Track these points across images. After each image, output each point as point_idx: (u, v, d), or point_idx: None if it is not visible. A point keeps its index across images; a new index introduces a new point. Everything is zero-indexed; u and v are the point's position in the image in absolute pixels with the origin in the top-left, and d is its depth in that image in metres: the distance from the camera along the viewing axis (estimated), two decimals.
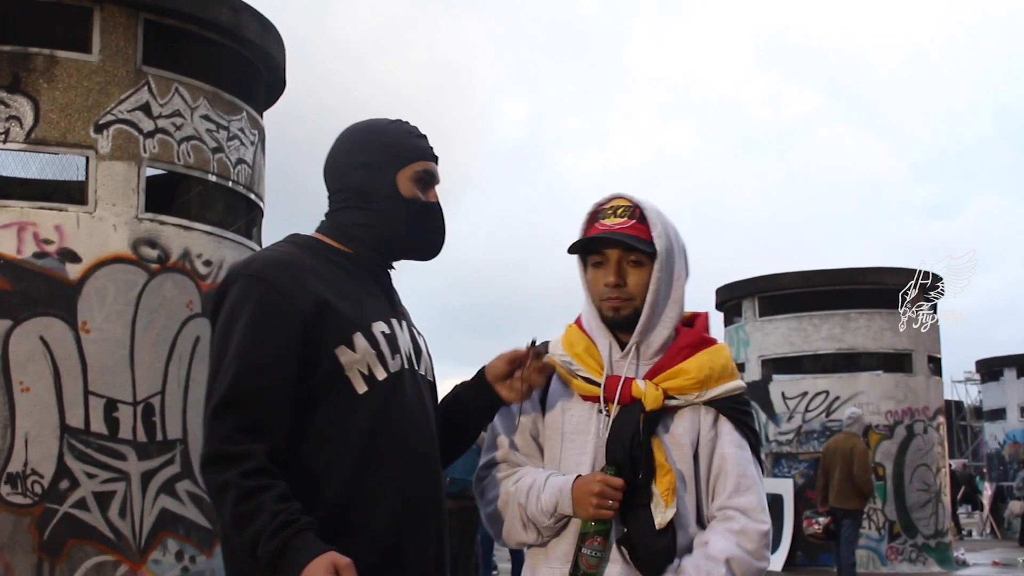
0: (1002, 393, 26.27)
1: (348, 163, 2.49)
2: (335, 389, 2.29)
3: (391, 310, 2.49)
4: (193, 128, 7.72)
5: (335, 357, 2.28)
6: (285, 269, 2.31)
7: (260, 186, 8.66)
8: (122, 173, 7.31)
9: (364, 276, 2.47)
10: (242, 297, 2.26)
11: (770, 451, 15.88)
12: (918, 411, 15.52)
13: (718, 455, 2.57)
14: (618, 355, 2.61)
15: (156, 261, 7.38)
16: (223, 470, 2.12)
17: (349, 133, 2.55)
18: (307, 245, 2.45)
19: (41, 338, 6.94)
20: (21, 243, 6.98)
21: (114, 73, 7.38)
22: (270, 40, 8.55)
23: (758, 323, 16.49)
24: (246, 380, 2.18)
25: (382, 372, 2.34)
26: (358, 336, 2.32)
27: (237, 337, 2.22)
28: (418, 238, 2.52)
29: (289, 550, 2.06)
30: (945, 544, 15.65)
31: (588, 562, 2.45)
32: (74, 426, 6.94)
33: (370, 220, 2.46)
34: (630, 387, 2.54)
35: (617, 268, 2.58)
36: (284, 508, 2.09)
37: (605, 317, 2.61)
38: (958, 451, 36.92)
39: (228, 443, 2.14)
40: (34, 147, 7.25)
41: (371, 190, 2.45)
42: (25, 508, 6.78)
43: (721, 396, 2.58)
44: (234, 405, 2.16)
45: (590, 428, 2.58)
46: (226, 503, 2.11)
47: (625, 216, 2.58)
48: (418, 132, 2.55)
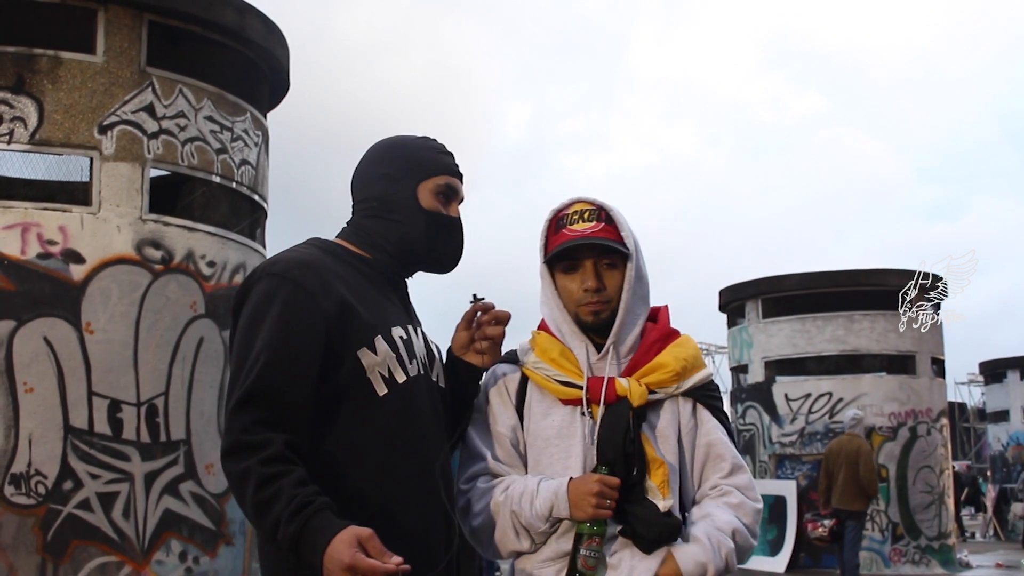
0: (1006, 395, 26.24)
1: (372, 174, 2.57)
2: (357, 390, 2.34)
3: (408, 317, 2.55)
4: (197, 129, 7.73)
5: (357, 359, 2.34)
6: (310, 270, 2.35)
7: (264, 187, 8.67)
8: (126, 174, 7.32)
9: (382, 282, 2.53)
10: (268, 296, 2.31)
11: (773, 452, 15.88)
12: (921, 413, 15.51)
13: (704, 442, 2.63)
14: (595, 357, 2.62)
15: (160, 262, 7.39)
16: (242, 458, 2.16)
17: (376, 146, 2.63)
18: (329, 249, 2.51)
19: (45, 339, 6.94)
20: (25, 244, 6.99)
21: (118, 74, 7.39)
22: (274, 41, 8.55)
23: (761, 325, 16.48)
24: (270, 376, 2.22)
25: (402, 375, 2.40)
26: (379, 340, 2.38)
27: (264, 334, 2.26)
28: (436, 250, 2.56)
29: (308, 531, 2.09)
30: (948, 546, 15.63)
31: (587, 563, 2.45)
32: (78, 427, 6.94)
33: (390, 229, 2.52)
34: (614, 386, 2.56)
35: (595, 272, 2.59)
36: (301, 491, 2.12)
37: (583, 322, 2.62)
38: (961, 453, 36.89)
39: (247, 433, 2.18)
40: (38, 148, 7.26)
41: (392, 200, 2.53)
42: (29, 509, 6.79)
43: (696, 385, 2.64)
44: (257, 400, 2.20)
45: (574, 431, 2.58)
46: (247, 491, 2.15)
47: (593, 220, 2.59)
48: (444, 149, 2.62)
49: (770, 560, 14.74)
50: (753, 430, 16.31)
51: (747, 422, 16.47)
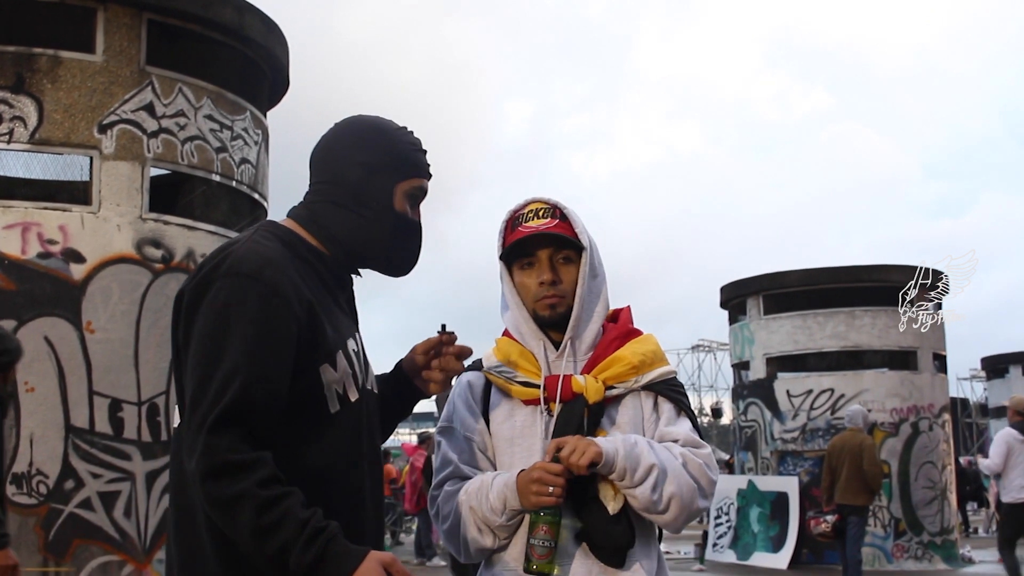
0: (1008, 390, 26.21)
1: (348, 158, 2.35)
2: (311, 406, 2.19)
3: (354, 324, 2.42)
4: (197, 128, 7.73)
5: (319, 375, 2.20)
6: (281, 272, 2.16)
7: (264, 186, 8.67)
8: (126, 173, 7.32)
9: (334, 283, 2.37)
10: (239, 299, 2.10)
11: (775, 449, 15.86)
12: (923, 408, 15.49)
13: (660, 431, 2.62)
14: (554, 355, 2.64)
15: (160, 261, 7.39)
16: (234, 481, 1.99)
17: (353, 126, 2.42)
18: (288, 240, 2.30)
19: (46, 338, 6.95)
20: (25, 243, 6.99)
21: (118, 73, 7.39)
22: (274, 40, 8.55)
23: (763, 321, 16.47)
24: (251, 393, 2.04)
25: (355, 393, 2.27)
26: (339, 356, 2.24)
27: (238, 343, 2.07)
28: (396, 253, 2.43)
29: (329, 557, 1.99)
30: (951, 542, 15.61)
31: (537, 552, 2.41)
32: (79, 426, 6.95)
33: (356, 225, 2.34)
34: (570, 383, 2.57)
35: (550, 265, 2.62)
36: (311, 515, 2.02)
37: (540, 318, 2.63)
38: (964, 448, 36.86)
39: (234, 452, 2.01)
40: (38, 147, 7.27)
41: (366, 194, 2.34)
42: (30, 508, 6.79)
43: (657, 380, 2.64)
44: (239, 418, 2.03)
45: (535, 430, 2.60)
46: (242, 515, 1.99)
47: (547, 217, 2.63)
48: (421, 146, 2.47)
49: (773, 556, 14.73)
50: (755, 427, 16.30)
51: (749, 419, 16.46)
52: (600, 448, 2.43)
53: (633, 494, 2.47)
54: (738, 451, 17.19)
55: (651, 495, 2.47)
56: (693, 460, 2.55)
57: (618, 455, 2.45)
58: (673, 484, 2.49)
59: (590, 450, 2.41)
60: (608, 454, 2.44)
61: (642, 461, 2.46)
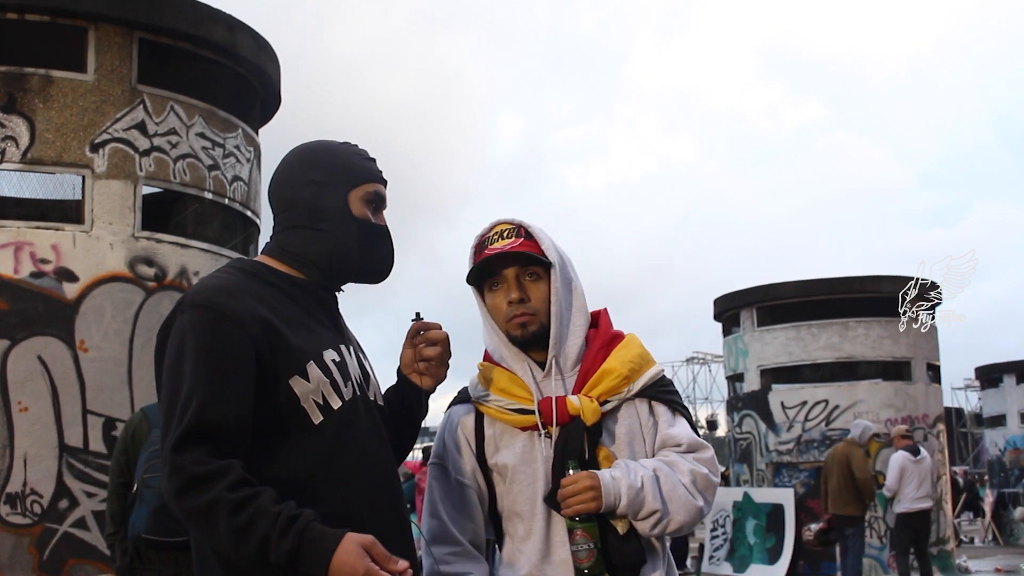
0: (1002, 399, 26.26)
1: (298, 181, 2.42)
2: (291, 419, 2.23)
3: (339, 336, 2.44)
4: (189, 146, 7.74)
5: (290, 388, 2.23)
6: (230, 296, 2.23)
7: (256, 203, 8.67)
8: (118, 192, 7.33)
9: (311, 302, 2.40)
10: (191, 328, 2.18)
11: (770, 461, 15.87)
12: (918, 419, 15.51)
13: (662, 435, 2.62)
14: (540, 375, 2.62)
15: (153, 279, 7.39)
16: (204, 490, 2.05)
17: (297, 153, 2.49)
18: (252, 271, 2.37)
19: (39, 358, 6.94)
20: (18, 263, 6.99)
21: (109, 92, 7.40)
22: (265, 57, 8.57)
23: (757, 333, 16.49)
24: (208, 412, 2.10)
25: (337, 401, 2.29)
26: (311, 365, 2.27)
27: (190, 368, 2.14)
28: (368, 260, 2.45)
29: (307, 542, 2.02)
30: (947, 552, 15.62)
31: (580, 557, 2.47)
32: (73, 445, 6.93)
33: (319, 240, 2.39)
34: (565, 405, 2.56)
35: (517, 283, 2.61)
36: (283, 507, 2.05)
37: (513, 338, 2.62)
38: (959, 458, 36.90)
39: (201, 464, 2.06)
40: (30, 167, 7.27)
41: (322, 208, 2.39)
42: (25, 528, 6.78)
43: (648, 384, 2.64)
44: (200, 436, 2.09)
45: (536, 456, 2.58)
46: (218, 521, 2.04)
47: (512, 236, 2.63)
48: (368, 155, 2.50)
49: (769, 568, 14.70)
50: (750, 438, 16.30)
51: (744, 431, 16.47)
52: (601, 503, 2.46)
53: (636, 525, 2.52)
54: (733, 463, 17.18)
55: (651, 531, 2.52)
56: (700, 473, 2.56)
57: (620, 502, 2.47)
58: (679, 515, 2.52)
59: (591, 505, 2.45)
60: (608, 505, 2.47)
61: (645, 507, 2.49)
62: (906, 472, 11.81)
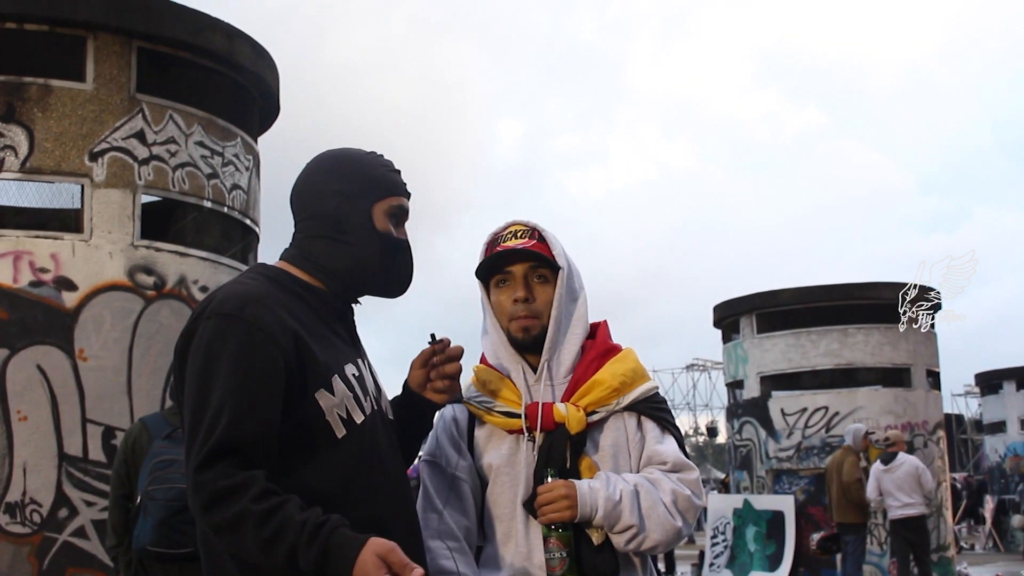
0: (1002, 406, 26.25)
1: (322, 190, 2.40)
2: (315, 433, 2.23)
3: (356, 351, 2.44)
4: (188, 155, 7.74)
5: (316, 401, 2.22)
6: (263, 307, 2.21)
7: (255, 211, 8.68)
8: (117, 200, 7.33)
9: (330, 315, 2.40)
10: (221, 337, 2.15)
11: (770, 468, 15.86)
12: (918, 425, 15.51)
13: (648, 451, 2.61)
14: (532, 379, 2.63)
15: (152, 288, 7.39)
16: (230, 504, 2.04)
17: (323, 160, 2.47)
18: (277, 279, 2.36)
19: (38, 367, 6.93)
20: (17, 272, 6.99)
21: (108, 101, 7.40)
22: (264, 66, 8.57)
23: (756, 340, 16.49)
24: (238, 428, 2.09)
25: (360, 415, 2.30)
26: (336, 379, 2.26)
27: (222, 380, 2.12)
28: (388, 274, 2.45)
29: (332, 549, 2.03)
30: (947, 559, 15.60)
31: (552, 565, 2.47)
32: (72, 454, 6.93)
33: (342, 252, 2.38)
34: (551, 412, 2.56)
35: (524, 282, 2.62)
36: (310, 514, 2.05)
37: (514, 340, 2.63)
38: (959, 465, 36.87)
39: (226, 478, 2.06)
40: (29, 176, 7.27)
41: (345, 220, 2.38)
42: (24, 537, 6.77)
43: (639, 399, 2.63)
44: (226, 454, 2.08)
45: (519, 459, 2.59)
46: (246, 533, 2.04)
47: (525, 237, 2.65)
48: (394, 167, 2.50)
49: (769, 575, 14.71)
50: (750, 445, 16.29)
51: (744, 438, 16.46)
52: (575, 512, 2.45)
53: (612, 539, 2.51)
54: (733, 470, 17.17)
55: (626, 547, 2.51)
56: (682, 494, 2.54)
57: (596, 513, 2.47)
58: (655, 533, 2.51)
59: (565, 514, 2.45)
60: (583, 516, 2.46)
61: (621, 520, 2.48)
62: (881, 482, 11.77)
